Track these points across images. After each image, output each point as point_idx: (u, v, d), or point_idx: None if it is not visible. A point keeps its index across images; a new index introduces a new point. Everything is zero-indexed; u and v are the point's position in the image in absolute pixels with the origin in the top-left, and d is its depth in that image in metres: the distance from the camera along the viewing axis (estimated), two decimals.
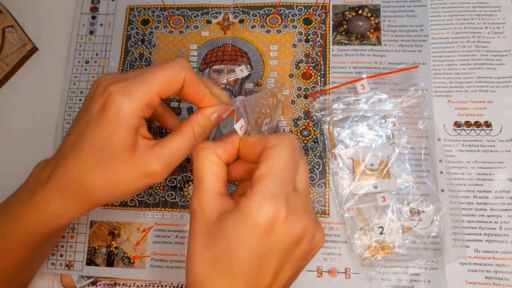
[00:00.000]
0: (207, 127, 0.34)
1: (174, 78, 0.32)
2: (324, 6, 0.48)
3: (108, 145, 0.30)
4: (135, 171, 0.31)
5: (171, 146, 0.32)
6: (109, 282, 0.43)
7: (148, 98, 0.31)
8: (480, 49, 0.46)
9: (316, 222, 0.30)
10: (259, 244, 0.27)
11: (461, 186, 0.43)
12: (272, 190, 0.27)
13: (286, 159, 0.29)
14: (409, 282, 0.41)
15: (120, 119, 0.30)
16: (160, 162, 0.31)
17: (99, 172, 0.31)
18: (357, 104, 0.44)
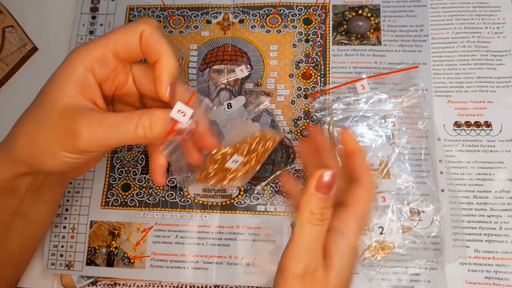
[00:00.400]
0: (156, 127, 0.29)
1: (130, 31, 0.30)
2: (324, 6, 0.48)
3: (49, 93, 0.30)
4: (60, 123, 0.29)
5: (107, 120, 0.29)
6: (109, 282, 0.43)
7: (100, 52, 0.30)
8: (480, 49, 0.46)
9: None
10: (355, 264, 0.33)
11: (461, 186, 0.43)
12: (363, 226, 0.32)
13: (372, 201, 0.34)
14: (409, 282, 0.41)
15: (67, 67, 0.30)
16: (86, 127, 0.28)
17: (31, 118, 0.30)
18: (357, 104, 0.44)
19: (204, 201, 0.44)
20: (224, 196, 0.44)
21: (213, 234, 0.43)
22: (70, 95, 0.29)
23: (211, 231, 0.43)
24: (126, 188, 0.45)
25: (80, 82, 0.29)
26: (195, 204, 0.44)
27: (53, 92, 0.30)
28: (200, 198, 0.44)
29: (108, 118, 0.29)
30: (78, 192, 0.45)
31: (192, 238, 0.43)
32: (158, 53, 0.30)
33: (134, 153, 0.45)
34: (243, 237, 0.43)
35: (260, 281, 0.41)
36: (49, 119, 0.29)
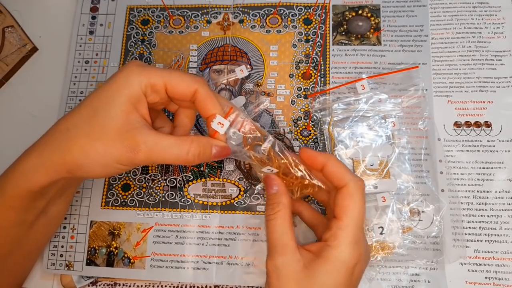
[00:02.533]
0: (204, 154, 0.33)
1: (184, 81, 0.33)
2: (324, 6, 0.48)
3: (105, 104, 0.31)
4: (118, 137, 0.31)
5: (161, 140, 0.32)
6: (109, 282, 0.43)
7: (157, 81, 0.32)
8: (480, 49, 0.46)
9: (369, 248, 0.37)
10: (348, 283, 0.32)
11: (461, 186, 0.43)
12: (354, 237, 0.32)
13: (363, 209, 0.33)
14: (409, 282, 0.41)
15: (125, 85, 0.31)
16: (144, 144, 0.31)
17: (85, 127, 0.31)
18: (357, 104, 0.44)
19: (204, 201, 0.44)
20: (224, 196, 0.44)
21: (213, 234, 0.43)
22: (126, 112, 0.31)
23: (211, 231, 0.43)
24: (126, 188, 0.45)
25: (135, 100, 0.32)
26: (195, 204, 0.44)
27: (108, 106, 0.31)
28: (200, 198, 0.44)
29: (163, 139, 0.32)
30: (78, 192, 0.45)
31: (192, 238, 0.43)
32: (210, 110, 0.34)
33: None
34: (243, 237, 0.43)
35: (260, 281, 0.41)
36: (105, 133, 0.31)
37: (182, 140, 0.32)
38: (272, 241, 0.34)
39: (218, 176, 0.44)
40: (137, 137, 0.31)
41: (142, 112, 0.32)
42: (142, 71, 0.32)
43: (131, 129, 0.31)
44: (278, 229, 0.33)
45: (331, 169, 0.34)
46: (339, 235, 0.32)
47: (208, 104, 0.33)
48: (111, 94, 0.31)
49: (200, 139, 0.33)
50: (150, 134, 0.32)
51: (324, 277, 0.31)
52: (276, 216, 0.34)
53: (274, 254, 0.33)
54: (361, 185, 0.34)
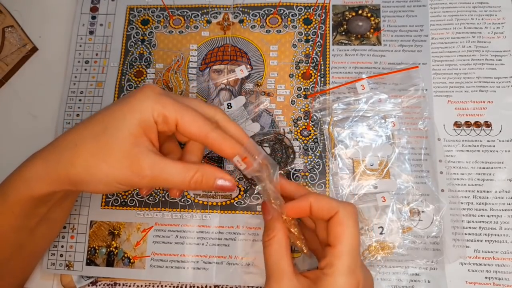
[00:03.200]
0: (206, 184, 0.33)
1: (196, 123, 0.32)
2: (324, 6, 0.48)
3: (115, 125, 0.31)
4: (125, 160, 0.31)
5: (167, 167, 0.32)
6: (109, 282, 0.43)
7: (170, 115, 0.32)
8: (480, 49, 0.46)
9: (370, 275, 0.35)
10: None
11: (461, 186, 0.43)
12: (351, 265, 0.31)
13: (357, 235, 0.32)
14: (409, 282, 0.41)
15: (138, 110, 0.32)
16: (149, 170, 0.31)
17: (93, 145, 0.31)
18: (357, 104, 0.44)
19: (204, 201, 0.44)
20: (224, 196, 0.44)
21: (213, 234, 0.43)
22: (135, 135, 0.31)
23: (211, 231, 0.43)
24: None
25: (145, 125, 0.32)
26: (195, 204, 0.44)
27: (118, 127, 0.31)
28: (200, 198, 0.44)
29: (168, 166, 0.32)
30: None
31: (192, 238, 0.43)
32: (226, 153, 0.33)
33: None
34: (243, 237, 0.43)
35: (260, 281, 0.41)
36: (112, 154, 0.31)
37: (188, 168, 0.33)
38: (269, 267, 0.33)
39: None
40: (143, 163, 0.31)
41: (151, 137, 0.32)
42: (158, 100, 0.32)
43: (138, 153, 0.31)
44: (274, 254, 0.33)
45: (315, 206, 0.33)
46: (334, 264, 0.31)
47: (223, 147, 0.33)
48: (123, 115, 0.32)
49: (206, 169, 0.33)
50: (156, 160, 0.32)
51: None
52: (272, 241, 0.33)
53: (271, 281, 0.33)
54: (351, 210, 0.33)
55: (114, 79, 0.48)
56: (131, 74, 0.48)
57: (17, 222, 0.35)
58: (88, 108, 0.47)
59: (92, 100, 0.47)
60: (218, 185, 0.34)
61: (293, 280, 0.32)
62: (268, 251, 0.34)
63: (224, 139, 0.33)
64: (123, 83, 0.48)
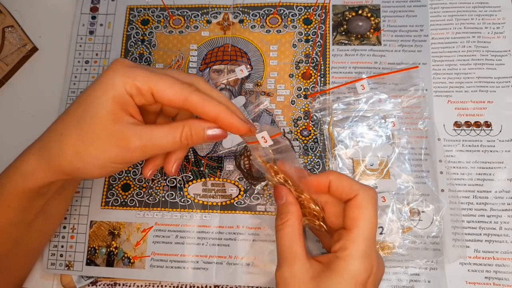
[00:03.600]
0: (197, 136, 0.32)
1: (172, 88, 0.31)
2: (324, 6, 0.48)
3: (92, 106, 0.31)
4: (110, 138, 0.31)
5: (154, 132, 0.31)
6: (109, 282, 0.43)
7: (142, 85, 0.31)
8: (480, 49, 0.46)
9: (382, 262, 0.34)
10: None
11: (461, 186, 0.43)
12: (366, 249, 0.31)
13: (375, 220, 0.32)
14: (409, 282, 0.41)
15: (111, 87, 0.31)
16: (138, 140, 0.31)
17: (77, 131, 0.31)
18: (357, 104, 0.44)
19: (204, 201, 0.44)
20: (224, 196, 0.44)
21: (213, 234, 0.43)
22: (114, 112, 0.31)
23: (211, 231, 0.43)
24: (126, 188, 0.45)
25: (121, 101, 0.31)
26: (195, 204, 0.44)
27: (96, 108, 0.31)
28: (200, 198, 0.44)
29: (156, 131, 0.31)
30: (78, 192, 0.45)
31: (192, 238, 0.43)
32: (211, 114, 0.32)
33: None
34: (243, 237, 0.43)
35: (260, 281, 0.41)
36: (97, 135, 0.31)
37: (174, 126, 0.32)
38: (281, 251, 0.33)
39: (218, 176, 0.44)
40: (129, 136, 0.31)
41: (130, 111, 0.32)
42: (127, 72, 0.31)
43: (121, 128, 0.31)
44: (287, 238, 0.33)
45: (335, 184, 0.33)
46: (348, 247, 0.31)
47: (206, 109, 0.31)
48: (97, 95, 0.31)
49: (192, 122, 0.32)
50: (141, 130, 0.31)
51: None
52: (285, 225, 0.33)
53: (283, 264, 0.32)
54: (371, 194, 0.33)
55: None
56: None
57: (15, 216, 0.35)
58: None
59: None
60: (210, 135, 0.32)
61: (306, 264, 0.32)
62: (281, 234, 0.33)
63: (205, 100, 0.31)
64: None
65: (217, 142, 0.45)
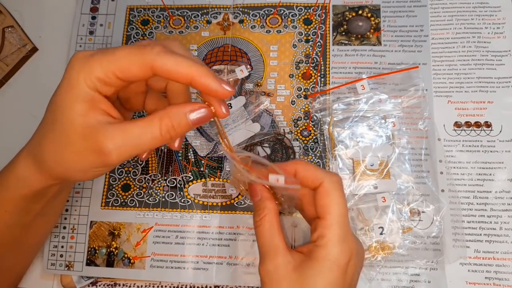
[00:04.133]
0: (180, 126, 0.29)
1: (133, 62, 0.28)
2: (324, 7, 0.48)
3: (60, 110, 0.29)
4: (85, 144, 0.28)
5: (130, 131, 0.28)
6: (109, 283, 0.43)
7: (101, 74, 0.28)
8: (480, 49, 0.46)
9: (361, 245, 0.35)
10: (341, 283, 0.31)
11: (461, 186, 0.43)
12: (341, 234, 0.32)
13: (344, 204, 0.32)
14: (409, 282, 0.41)
15: (72, 86, 0.28)
16: (111, 143, 0.28)
17: (52, 136, 0.30)
18: (357, 105, 0.44)
19: (204, 202, 0.44)
20: (224, 197, 0.44)
21: (213, 234, 0.43)
22: (82, 114, 0.28)
23: (211, 231, 0.43)
24: (126, 188, 0.45)
25: (87, 100, 0.28)
26: (195, 204, 0.44)
27: (64, 113, 0.29)
28: (200, 199, 0.44)
29: (130, 129, 0.29)
30: (78, 193, 0.45)
31: (192, 239, 0.43)
32: (187, 77, 0.28)
33: None
34: (243, 238, 0.43)
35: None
36: (72, 142, 0.29)
37: (150, 120, 0.29)
38: (262, 246, 0.33)
39: (218, 177, 0.44)
40: (101, 139, 0.28)
41: (101, 107, 0.29)
42: (84, 66, 0.28)
43: (92, 131, 0.28)
44: (267, 233, 0.33)
45: (302, 174, 0.34)
46: (325, 235, 0.32)
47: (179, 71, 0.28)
48: (62, 98, 0.29)
49: (169, 110, 0.29)
50: (114, 130, 0.28)
51: (316, 278, 0.31)
52: (264, 221, 0.33)
53: (265, 259, 0.33)
54: (336, 180, 0.33)
55: None
56: None
57: (11, 219, 0.35)
58: None
59: None
60: (194, 119, 0.29)
61: (288, 256, 0.32)
62: (260, 230, 0.33)
63: (174, 61, 0.28)
64: None
65: (217, 142, 0.45)
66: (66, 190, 0.40)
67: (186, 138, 0.45)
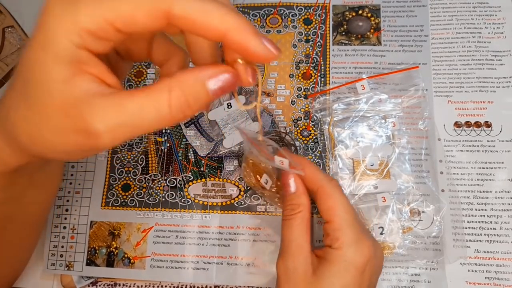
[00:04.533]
0: (196, 100, 0.21)
1: (141, 7, 0.20)
2: (324, 6, 0.48)
3: (34, 74, 0.21)
4: (66, 121, 0.21)
5: (129, 106, 0.21)
6: (109, 283, 0.43)
7: (95, 25, 0.20)
8: (480, 49, 0.46)
9: (379, 245, 0.34)
10: (359, 282, 0.30)
11: (461, 186, 0.43)
12: (354, 234, 0.31)
13: (348, 204, 0.32)
14: (409, 282, 0.41)
15: (49, 40, 0.21)
16: (103, 122, 0.20)
17: (24, 107, 0.22)
18: (357, 105, 0.44)
19: (204, 202, 0.44)
20: (224, 196, 0.44)
21: (213, 234, 0.43)
22: (63, 81, 0.21)
23: (211, 231, 0.43)
24: (126, 188, 0.45)
25: (70, 61, 0.21)
26: (195, 204, 0.44)
27: (38, 79, 0.21)
28: (200, 199, 0.44)
29: (128, 104, 0.21)
30: (78, 193, 0.45)
31: (192, 239, 0.43)
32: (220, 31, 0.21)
33: (134, 153, 0.45)
34: (243, 238, 0.43)
35: (260, 281, 0.41)
36: (48, 117, 0.21)
37: (155, 91, 0.21)
38: (286, 242, 0.32)
39: (218, 176, 0.44)
40: (87, 117, 0.20)
41: (92, 71, 0.21)
42: (66, 13, 0.20)
43: (76, 105, 0.21)
44: (295, 230, 0.32)
45: (308, 174, 0.33)
46: (338, 237, 0.31)
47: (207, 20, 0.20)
48: (36, 57, 0.21)
49: (183, 78, 0.21)
50: (107, 104, 0.21)
51: (333, 279, 0.30)
52: (296, 217, 0.33)
53: (287, 255, 0.32)
54: (335, 184, 0.33)
55: None
56: (131, 74, 0.48)
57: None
58: None
59: None
60: (215, 89, 0.22)
61: (309, 258, 0.32)
62: (289, 224, 0.33)
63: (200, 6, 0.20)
64: (123, 83, 0.47)
65: (217, 142, 0.45)
66: (56, 164, 0.34)
67: (186, 138, 0.45)
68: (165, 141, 0.45)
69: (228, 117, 0.45)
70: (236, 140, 0.44)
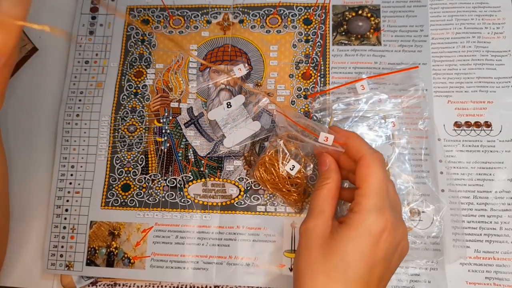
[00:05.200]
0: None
1: None
2: (324, 6, 0.48)
3: None
4: None
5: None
6: (109, 283, 0.43)
7: None
8: (480, 49, 0.46)
9: (406, 231, 0.35)
10: (371, 252, 0.31)
11: (461, 186, 0.43)
12: (377, 202, 0.32)
13: (383, 178, 0.33)
14: (409, 282, 0.41)
15: None
16: None
17: None
18: (357, 105, 0.44)
19: (204, 202, 0.44)
20: (224, 197, 0.44)
21: (213, 234, 0.43)
22: None
23: (211, 231, 0.43)
24: (126, 188, 0.45)
25: None
26: (195, 204, 0.44)
27: None
28: (200, 199, 0.44)
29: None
30: (78, 193, 0.45)
31: (192, 239, 0.43)
32: None
33: (134, 153, 0.45)
34: (243, 238, 0.43)
35: (260, 281, 0.41)
36: None
37: None
38: (312, 207, 0.35)
39: (218, 176, 0.44)
40: None
41: None
42: None
43: None
44: (320, 197, 0.35)
45: (350, 144, 0.36)
46: (361, 202, 0.33)
47: None
48: None
49: None
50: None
51: (347, 242, 0.31)
52: (323, 187, 0.35)
53: (309, 218, 0.35)
54: (378, 156, 0.34)
55: (114, 79, 0.48)
56: (131, 74, 0.48)
57: None
58: (88, 108, 0.47)
59: (92, 100, 0.47)
60: None
61: (329, 221, 0.34)
62: (316, 193, 0.36)
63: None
64: (123, 83, 0.48)
65: (217, 142, 0.45)
66: None
67: (186, 138, 0.45)
68: (165, 141, 0.45)
69: (228, 117, 0.45)
70: (237, 139, 0.45)
